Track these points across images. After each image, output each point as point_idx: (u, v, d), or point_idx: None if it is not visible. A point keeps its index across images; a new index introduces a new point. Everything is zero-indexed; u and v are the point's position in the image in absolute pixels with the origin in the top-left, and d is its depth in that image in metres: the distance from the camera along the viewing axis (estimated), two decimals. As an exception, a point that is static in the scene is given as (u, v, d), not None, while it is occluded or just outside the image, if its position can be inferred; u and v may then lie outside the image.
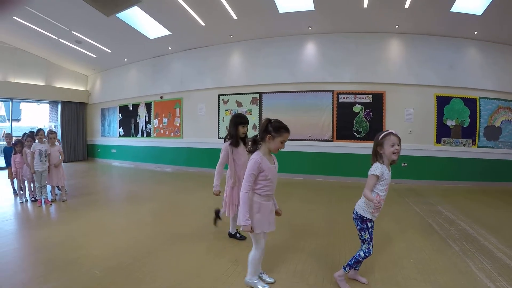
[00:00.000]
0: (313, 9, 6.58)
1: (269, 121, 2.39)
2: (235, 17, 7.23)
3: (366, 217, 2.41)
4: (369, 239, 2.42)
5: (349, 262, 2.51)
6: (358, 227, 2.47)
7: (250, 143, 2.52)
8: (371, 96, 7.20)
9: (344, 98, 7.35)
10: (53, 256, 3.26)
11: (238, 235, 3.57)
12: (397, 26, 6.85)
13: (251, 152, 2.50)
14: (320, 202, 5.46)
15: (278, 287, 2.58)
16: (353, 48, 7.31)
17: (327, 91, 7.50)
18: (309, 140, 7.65)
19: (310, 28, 7.44)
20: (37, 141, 5.64)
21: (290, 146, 7.12)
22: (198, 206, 5.34)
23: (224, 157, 3.41)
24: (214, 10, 7.06)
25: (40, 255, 3.30)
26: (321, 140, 7.54)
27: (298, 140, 7.65)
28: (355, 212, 2.50)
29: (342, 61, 7.39)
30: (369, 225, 2.41)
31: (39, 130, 5.58)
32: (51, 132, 5.79)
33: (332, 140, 7.44)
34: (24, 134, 6.26)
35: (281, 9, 6.77)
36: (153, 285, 2.66)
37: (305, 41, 7.77)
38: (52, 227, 4.34)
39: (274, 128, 2.34)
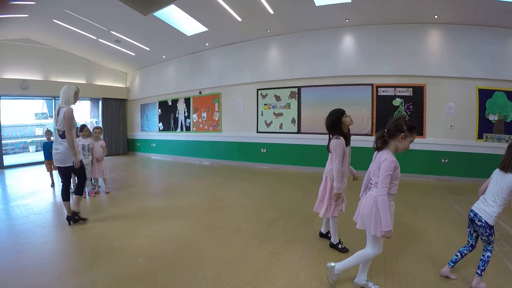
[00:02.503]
0: (350, 1, 6.79)
1: (404, 119, 2.37)
2: (271, 11, 7.59)
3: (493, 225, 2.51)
4: (493, 240, 2.57)
5: (482, 268, 2.57)
6: (486, 233, 2.54)
7: (378, 140, 2.47)
8: (411, 89, 7.37)
9: (383, 91, 7.60)
10: (97, 245, 3.73)
11: (340, 246, 3.45)
12: (436, 16, 6.93)
13: (378, 149, 2.50)
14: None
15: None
16: (392, 40, 7.48)
17: (366, 84, 7.76)
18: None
19: (347, 20, 7.68)
20: (80, 136, 6.36)
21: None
22: (236, 199, 5.86)
23: (341, 155, 3.29)
24: (250, 5, 7.44)
25: (84, 244, 3.81)
26: (361, 135, 7.80)
27: None
28: (484, 222, 2.54)
29: (381, 54, 7.58)
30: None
31: (83, 126, 6.35)
32: (97, 127, 6.59)
33: (371, 135, 7.70)
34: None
35: (318, 2, 7.05)
36: (195, 274, 2.95)
37: (343, 33, 8.05)
38: (95, 217, 4.94)
39: (409, 128, 2.34)
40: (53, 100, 13.01)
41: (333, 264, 2.67)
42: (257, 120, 9.65)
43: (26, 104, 19.09)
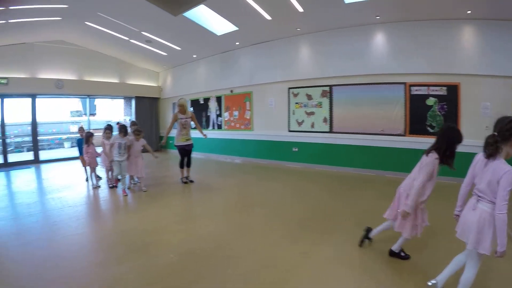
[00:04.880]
0: None
1: None
2: (300, 9, 7.87)
3: None
4: None
5: None
6: None
7: (490, 146, 2.32)
8: (445, 88, 7.40)
9: (416, 90, 7.70)
10: (129, 240, 4.14)
11: (402, 253, 3.45)
12: (469, 12, 6.90)
13: (490, 156, 2.34)
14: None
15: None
16: (424, 36, 7.53)
17: (399, 83, 7.88)
18: (381, 134, 8.10)
19: (378, 17, 7.83)
20: (104, 138, 7.31)
21: (361, 140, 8.21)
22: (267, 198, 6.26)
23: (428, 175, 3.06)
24: (279, 4, 7.76)
25: (116, 238, 4.24)
26: (393, 135, 7.94)
27: (369, 134, 8.26)
28: None
29: (413, 51, 7.66)
30: None
31: (108, 127, 7.31)
32: (138, 130, 7.19)
33: (404, 135, 7.81)
34: (106, 126, 7.80)
35: None
36: (224, 272, 3.21)
37: (374, 31, 8.21)
38: (128, 213, 5.56)
39: None
40: (87, 99, 14.27)
41: (434, 281, 2.63)
42: (289, 119, 10.09)
43: (61, 102, 20.48)
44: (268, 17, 8.55)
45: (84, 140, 7.72)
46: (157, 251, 3.77)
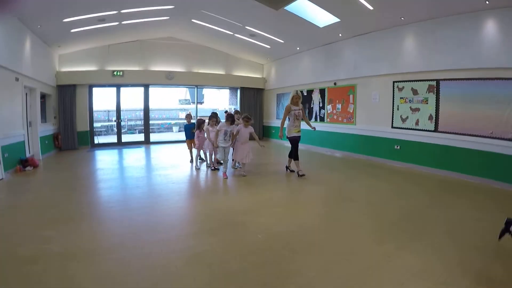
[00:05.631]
0: None
1: None
2: None
3: None
4: None
5: None
6: None
7: None
8: None
9: None
10: (222, 217, 4.94)
11: None
12: None
13: None
14: (496, 214, 5.25)
15: None
16: None
17: None
18: (490, 137, 7.65)
19: (487, 2, 7.36)
20: (209, 125, 8.61)
21: (468, 142, 8.16)
22: (362, 194, 6.65)
23: None
24: None
25: (212, 214, 5.10)
26: (504, 139, 7.40)
27: (477, 136, 7.90)
28: None
29: None
30: None
31: (230, 115, 8.13)
32: (248, 117, 8.18)
33: None
34: (212, 113, 9.17)
35: None
36: (305, 258, 3.61)
37: (483, 18, 7.74)
38: (225, 193, 6.62)
39: None
40: (195, 89, 16.65)
41: None
42: (393, 114, 10.27)
43: (171, 92, 23.25)
44: (370, 7, 8.79)
45: (196, 125, 9.25)
46: (246, 230, 4.46)
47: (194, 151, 10.17)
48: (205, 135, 8.82)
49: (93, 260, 3.51)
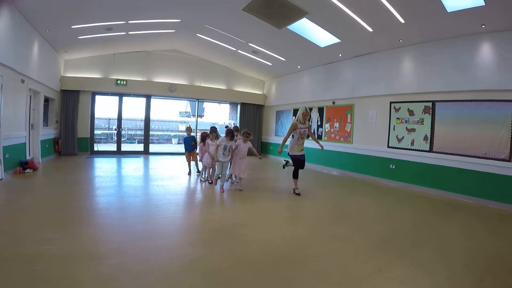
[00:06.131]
0: (483, 3, 6.74)
1: None
2: (402, 20, 8.18)
3: None
4: None
5: None
6: None
7: None
8: None
9: None
10: (218, 228, 5.03)
11: None
12: None
13: None
14: (487, 232, 5.61)
15: None
16: None
17: (507, 100, 7.49)
18: (483, 157, 7.80)
19: (483, 26, 7.58)
20: (208, 140, 8.64)
21: (461, 162, 8.28)
22: (356, 212, 6.72)
23: None
24: (380, 15, 8.16)
25: (207, 225, 5.27)
26: (497, 159, 7.56)
27: (471, 156, 8.03)
28: None
29: None
30: None
31: (230, 130, 8.09)
32: (248, 133, 8.25)
33: (509, 160, 7.35)
34: (211, 128, 9.19)
35: (449, 8, 7.29)
36: (300, 268, 3.73)
37: (479, 41, 7.96)
38: (221, 206, 6.69)
39: None
40: (197, 102, 16.76)
41: None
42: (389, 134, 10.39)
43: (172, 104, 23.44)
44: (369, 29, 9.07)
45: (201, 139, 9.37)
46: (241, 241, 4.55)
47: (193, 163, 10.32)
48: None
49: (93, 263, 3.56)
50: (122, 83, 14.17)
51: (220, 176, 7.97)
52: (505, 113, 7.55)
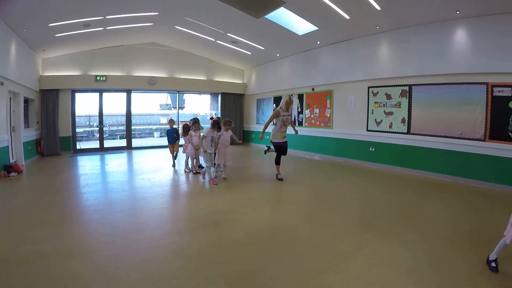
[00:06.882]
0: None
1: None
2: (378, 7, 8.25)
3: None
4: None
5: None
6: None
7: None
8: None
9: (499, 91, 7.42)
10: (205, 216, 5.17)
11: (494, 263, 3.38)
12: None
13: None
14: (464, 208, 5.87)
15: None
16: (508, 32, 7.22)
17: (480, 83, 7.69)
18: (459, 138, 8.05)
19: (458, 12, 7.71)
20: (192, 131, 8.66)
21: (438, 143, 8.49)
22: (338, 194, 6.94)
23: None
24: (357, 3, 8.21)
25: (194, 214, 5.38)
26: (472, 139, 7.82)
27: (447, 137, 8.29)
28: None
29: (496, 48, 7.38)
30: None
31: (216, 122, 8.05)
32: (230, 121, 8.33)
33: (484, 140, 7.61)
34: (193, 119, 9.19)
35: None
36: (284, 249, 3.87)
37: (454, 27, 8.11)
38: (207, 195, 6.76)
39: None
40: (177, 94, 16.64)
41: None
42: (368, 118, 10.57)
43: (153, 97, 23.28)
44: (346, 16, 9.12)
45: (183, 130, 9.37)
46: (228, 227, 4.69)
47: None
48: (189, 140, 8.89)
49: (87, 257, 3.62)
50: (101, 79, 13.85)
51: (209, 167, 7.90)
52: (480, 95, 7.77)
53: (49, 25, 9.62)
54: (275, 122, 8.13)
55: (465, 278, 3.22)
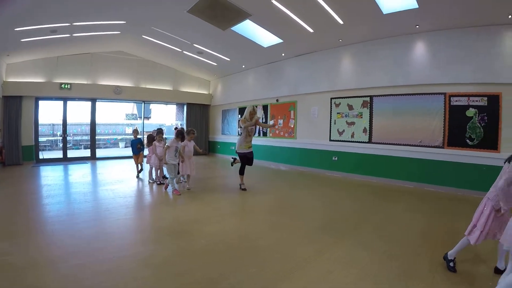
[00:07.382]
0: (417, 6, 7.16)
1: None
2: (341, 22, 8.48)
3: None
4: None
5: None
6: None
7: None
8: (486, 98, 7.38)
9: (456, 101, 7.80)
10: (168, 226, 5.10)
11: (451, 263, 3.46)
12: (510, 17, 6.75)
13: None
14: (424, 212, 6.06)
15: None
16: (464, 45, 7.60)
17: (439, 93, 8.05)
18: (419, 146, 8.34)
19: (417, 26, 8.10)
20: (156, 141, 8.47)
21: (399, 151, 8.66)
22: (302, 203, 6.99)
23: (509, 180, 3.02)
24: (320, 17, 8.40)
25: (158, 224, 5.29)
26: (432, 147, 8.14)
27: (408, 145, 8.55)
28: None
29: (453, 60, 7.75)
30: None
31: (180, 131, 7.89)
32: (193, 131, 8.19)
33: (443, 147, 7.96)
34: (157, 129, 8.96)
35: (385, 10, 7.67)
36: (247, 257, 3.87)
37: (414, 40, 8.49)
38: (171, 205, 6.58)
39: None
40: (143, 104, 16.20)
41: None
42: (330, 128, 10.70)
43: (118, 106, 22.84)
44: (310, 30, 9.29)
45: (147, 140, 9.15)
46: (191, 237, 4.60)
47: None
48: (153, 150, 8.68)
49: (51, 268, 3.50)
50: (66, 87, 13.23)
51: (173, 178, 7.68)
52: (438, 104, 8.13)
53: (16, 29, 9.27)
54: (240, 133, 8.07)
55: (422, 279, 3.32)
